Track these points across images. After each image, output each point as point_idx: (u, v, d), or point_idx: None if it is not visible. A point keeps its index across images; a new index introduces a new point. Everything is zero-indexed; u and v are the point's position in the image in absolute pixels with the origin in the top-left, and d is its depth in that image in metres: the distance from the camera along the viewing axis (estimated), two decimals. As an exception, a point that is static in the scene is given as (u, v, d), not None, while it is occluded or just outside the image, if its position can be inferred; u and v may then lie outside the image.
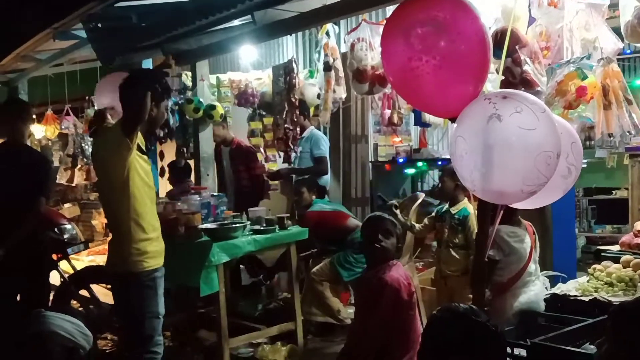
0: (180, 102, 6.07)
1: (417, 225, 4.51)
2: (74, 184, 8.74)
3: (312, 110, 5.67)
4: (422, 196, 4.96)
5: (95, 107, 7.28)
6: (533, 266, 3.27)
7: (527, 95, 2.14)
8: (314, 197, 5.16)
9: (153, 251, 3.19)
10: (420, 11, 2.25)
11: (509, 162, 2.05)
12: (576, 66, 3.28)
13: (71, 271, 5.01)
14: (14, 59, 7.55)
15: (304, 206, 5.12)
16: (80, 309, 4.87)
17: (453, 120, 2.32)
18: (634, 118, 3.25)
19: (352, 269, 4.73)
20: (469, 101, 2.24)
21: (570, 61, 3.30)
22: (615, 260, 3.63)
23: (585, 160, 5.82)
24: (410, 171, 6.69)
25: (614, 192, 7.40)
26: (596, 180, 7.63)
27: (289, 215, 5.04)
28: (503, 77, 3.45)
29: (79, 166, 8.13)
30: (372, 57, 4.32)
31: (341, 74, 4.89)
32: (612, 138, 3.34)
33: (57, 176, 8.53)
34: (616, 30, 3.49)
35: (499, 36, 3.43)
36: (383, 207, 4.98)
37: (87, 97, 7.60)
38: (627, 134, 3.31)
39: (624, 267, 3.49)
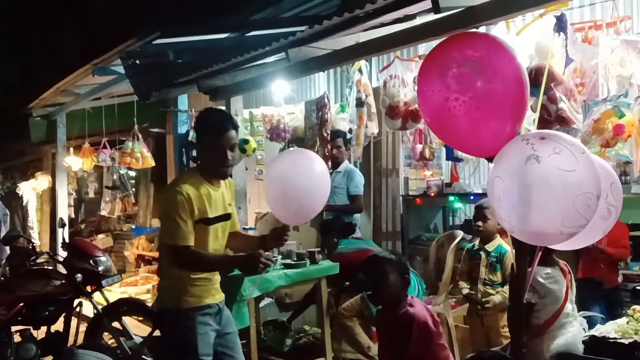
0: (214, 136, 6.17)
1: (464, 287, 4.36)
2: (113, 215, 8.93)
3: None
4: (460, 234, 4.90)
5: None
6: (570, 307, 3.20)
7: (565, 136, 2.13)
8: (335, 239, 5.12)
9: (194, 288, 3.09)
10: (457, 51, 2.27)
11: (548, 204, 2.03)
12: (613, 104, 3.26)
13: (104, 303, 5.06)
14: (54, 93, 7.83)
15: (331, 248, 5.11)
16: (112, 341, 4.89)
17: (490, 159, 2.31)
18: (673, 156, 3.20)
19: None
20: (506, 141, 2.24)
21: (607, 99, 3.29)
22: (655, 301, 3.52)
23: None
24: (457, 204, 6.48)
25: (651, 228, 7.19)
26: (633, 217, 7.44)
27: (319, 249, 5.03)
28: (538, 115, 3.46)
29: (120, 197, 8.29)
30: (404, 94, 4.37)
31: (373, 109, 4.94)
32: (648, 180, 3.29)
33: (101, 207, 8.73)
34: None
35: (534, 74, 3.45)
36: None
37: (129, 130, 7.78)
38: (666, 172, 3.25)
39: (665, 309, 3.39)
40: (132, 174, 9.64)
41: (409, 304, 3.06)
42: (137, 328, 5.33)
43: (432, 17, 3.52)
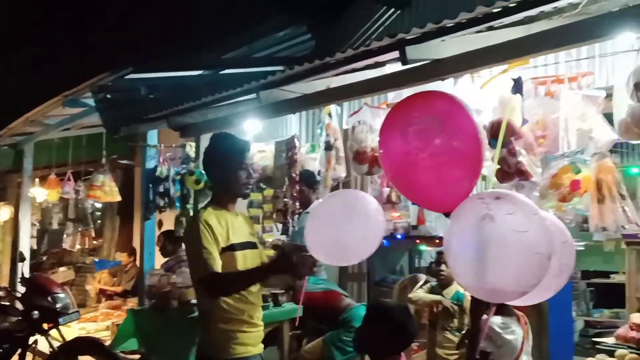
0: (182, 172, 6.16)
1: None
2: (74, 249, 8.77)
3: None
4: (423, 278, 4.93)
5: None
6: (524, 358, 3.22)
7: (519, 197, 2.19)
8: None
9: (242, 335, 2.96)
10: (416, 108, 2.34)
11: (502, 263, 2.07)
12: (570, 160, 3.34)
13: (61, 340, 4.94)
14: (23, 123, 7.73)
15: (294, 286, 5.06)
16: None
17: (448, 215, 2.36)
18: (627, 212, 3.29)
19: (345, 348, 4.65)
20: (464, 197, 2.29)
21: (565, 155, 3.38)
22: (611, 353, 3.58)
23: (582, 243, 5.84)
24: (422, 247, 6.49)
25: (611, 276, 7.35)
26: (594, 264, 7.60)
27: (283, 291, 5.00)
28: (499, 167, 3.54)
29: (80, 230, 8.15)
30: (372, 139, 4.42)
31: (341, 153, 4.98)
32: (605, 232, 3.37)
33: (64, 239, 8.56)
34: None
35: (495, 127, 3.54)
36: None
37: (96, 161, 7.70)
38: (622, 228, 3.33)
39: (620, 362, 3.45)
40: (98, 205, 9.50)
41: None
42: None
43: (401, 67, 3.62)
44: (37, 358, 5.00)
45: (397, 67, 3.79)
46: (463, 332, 4.03)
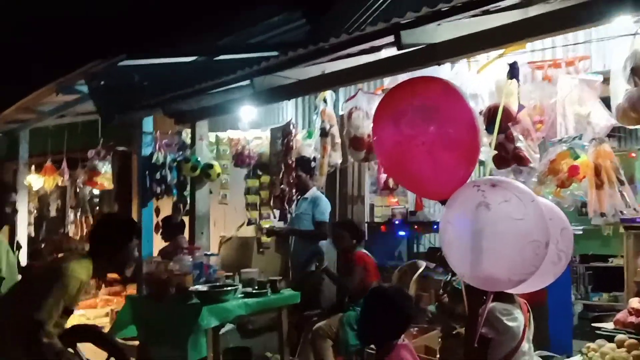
0: (178, 159, 6.12)
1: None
2: (77, 236, 8.76)
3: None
4: (423, 265, 4.89)
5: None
6: (527, 345, 3.20)
7: (515, 184, 2.16)
8: (354, 241, 5.05)
9: None
10: (409, 96, 2.30)
11: (497, 251, 2.05)
12: (568, 145, 3.31)
13: (59, 329, 4.91)
14: (17, 111, 7.66)
15: (345, 247, 5.05)
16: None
17: (444, 202, 2.33)
18: (625, 197, 3.27)
19: None
20: (459, 185, 2.26)
21: (563, 140, 3.35)
22: (609, 339, 3.57)
23: (581, 227, 5.84)
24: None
25: (610, 259, 7.35)
26: (593, 247, 7.59)
27: (281, 278, 4.99)
28: (496, 152, 3.51)
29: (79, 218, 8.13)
30: (368, 125, 4.39)
31: (337, 139, 4.94)
32: (604, 217, 3.34)
33: (67, 227, 8.54)
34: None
35: (492, 112, 3.51)
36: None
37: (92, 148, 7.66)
38: (620, 213, 3.31)
39: (618, 347, 3.44)
40: (96, 192, 9.47)
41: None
42: (96, 354, 5.18)
43: (396, 51, 3.57)
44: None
45: (393, 52, 3.75)
46: None
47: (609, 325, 4.02)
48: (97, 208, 10.07)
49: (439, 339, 4.55)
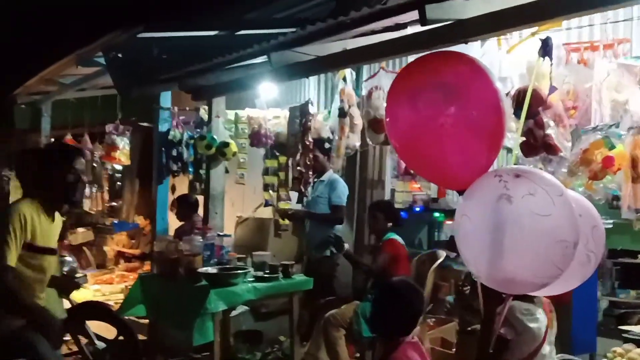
0: (195, 136, 5.98)
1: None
2: (93, 211, 8.75)
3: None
4: (442, 255, 4.67)
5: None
6: (547, 348, 2.98)
7: (542, 175, 1.92)
8: (389, 225, 4.84)
9: None
10: (428, 74, 2.07)
11: (518, 251, 1.82)
12: (603, 134, 3.05)
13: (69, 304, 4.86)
14: (39, 82, 7.62)
15: (378, 230, 4.85)
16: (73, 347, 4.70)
17: (461, 193, 2.11)
18: (664, 193, 3.01)
19: None
20: (479, 174, 2.03)
21: (597, 128, 3.09)
22: (637, 343, 3.34)
23: (611, 221, 5.56)
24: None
25: (639, 256, 7.04)
26: (622, 242, 7.27)
27: (294, 262, 4.83)
28: (524, 139, 3.27)
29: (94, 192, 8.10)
30: (389, 107, 4.16)
31: (356, 120, 4.72)
32: (638, 213, 3.08)
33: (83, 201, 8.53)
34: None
35: (521, 95, 3.26)
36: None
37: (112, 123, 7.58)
38: (657, 209, 3.05)
39: (648, 353, 3.21)
40: (118, 167, 9.44)
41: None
42: (109, 331, 5.14)
43: (423, 28, 3.34)
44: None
45: (418, 29, 3.52)
46: None
47: (636, 328, 3.78)
48: (119, 183, 10.05)
49: (456, 332, 4.38)
